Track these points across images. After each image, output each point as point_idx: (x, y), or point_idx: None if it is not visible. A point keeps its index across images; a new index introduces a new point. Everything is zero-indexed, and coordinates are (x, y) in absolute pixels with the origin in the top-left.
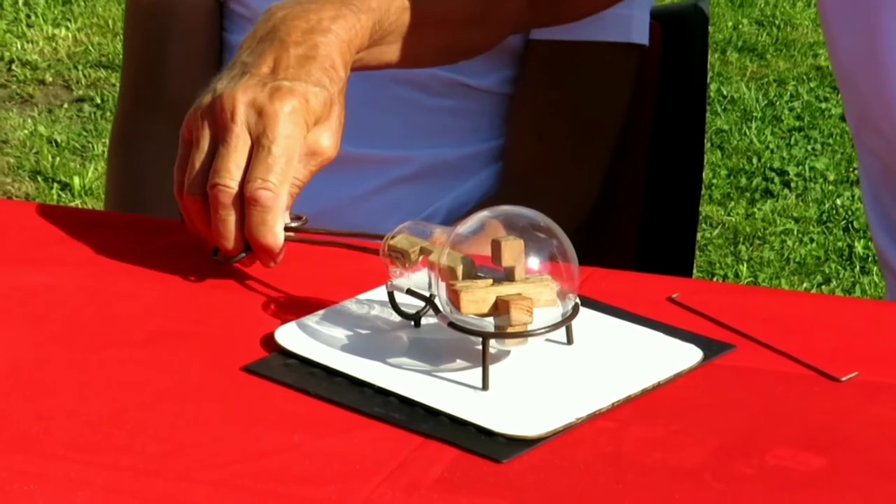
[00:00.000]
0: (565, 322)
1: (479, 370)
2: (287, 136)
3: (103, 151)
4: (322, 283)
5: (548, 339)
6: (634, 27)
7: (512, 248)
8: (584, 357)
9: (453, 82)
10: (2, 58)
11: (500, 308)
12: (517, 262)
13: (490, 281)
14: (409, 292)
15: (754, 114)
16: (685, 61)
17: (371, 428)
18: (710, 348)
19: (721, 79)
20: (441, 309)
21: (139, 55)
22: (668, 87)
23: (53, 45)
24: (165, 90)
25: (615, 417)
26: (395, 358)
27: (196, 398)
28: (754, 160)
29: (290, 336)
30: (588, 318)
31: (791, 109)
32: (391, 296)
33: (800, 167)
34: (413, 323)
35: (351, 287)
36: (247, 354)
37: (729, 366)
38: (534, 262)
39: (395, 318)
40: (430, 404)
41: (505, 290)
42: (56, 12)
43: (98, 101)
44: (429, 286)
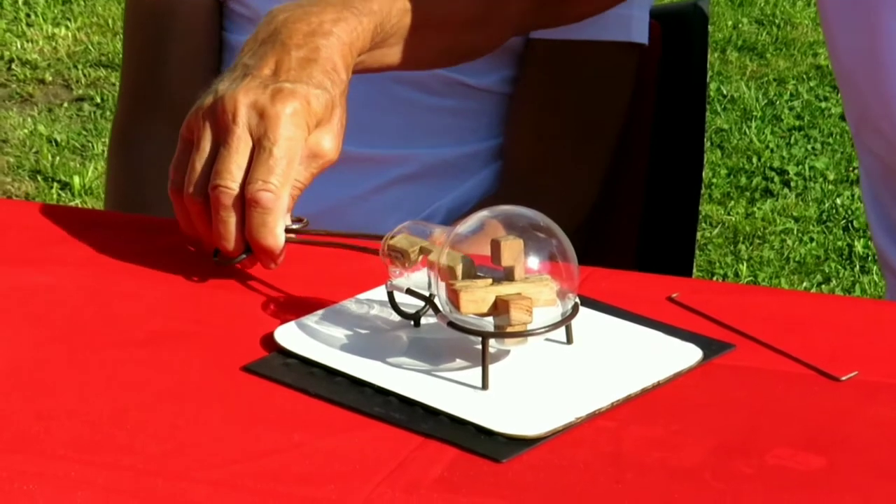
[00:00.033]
0: (565, 322)
1: (479, 370)
2: (288, 138)
3: (103, 151)
4: (322, 283)
5: (547, 339)
6: (634, 27)
7: (511, 248)
8: (584, 357)
9: (453, 82)
10: (2, 57)
11: (499, 308)
12: (517, 261)
13: (489, 280)
14: (409, 292)
15: (754, 113)
16: (685, 61)
17: (371, 427)
18: (710, 348)
19: (721, 78)
20: (441, 308)
21: (139, 54)
22: (667, 87)
23: (53, 44)
24: (165, 89)
25: (615, 417)
26: (395, 357)
27: (196, 398)
28: (754, 159)
29: (289, 336)
30: (588, 318)
31: (791, 109)
32: (391, 295)
33: (800, 166)
34: (413, 322)
35: (350, 287)
36: (247, 354)
37: (729, 365)
38: (533, 262)
39: (395, 317)
40: (430, 404)
41: (504, 289)
42: (56, 11)
43: (98, 100)
44: (428, 286)
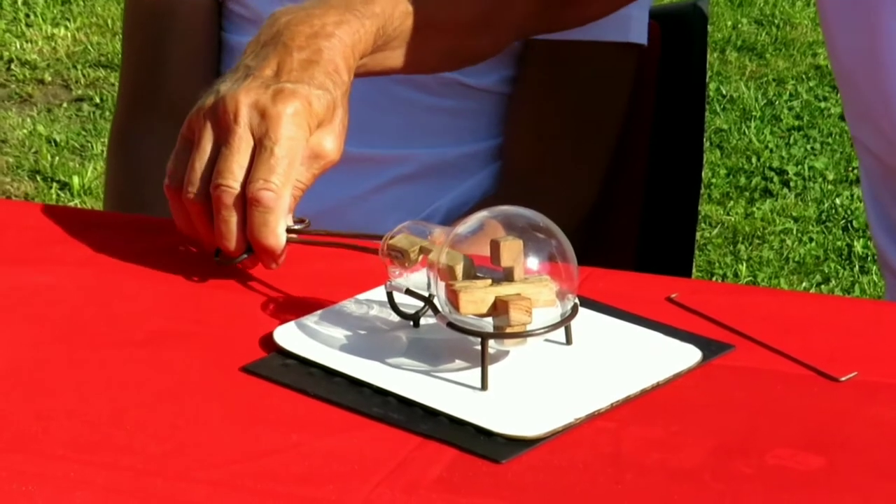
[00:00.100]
0: (564, 322)
1: (478, 370)
2: (289, 138)
3: (102, 151)
4: (321, 283)
5: (547, 340)
6: (633, 27)
7: (511, 249)
8: (583, 357)
9: (452, 82)
10: (1, 57)
11: (499, 308)
12: (516, 262)
13: (489, 281)
14: (408, 292)
15: (753, 113)
16: (684, 61)
17: (370, 428)
18: (709, 348)
19: (720, 78)
20: (440, 309)
21: (138, 55)
22: (667, 87)
23: (52, 44)
24: (164, 90)
25: (614, 418)
26: (394, 358)
27: (195, 398)
28: (753, 159)
29: (288, 336)
30: (587, 319)
31: (790, 109)
32: (390, 296)
33: (799, 166)
34: (412, 323)
35: (350, 287)
36: (246, 354)
37: (728, 366)
38: (533, 263)
39: (394, 318)
40: (429, 404)
41: (504, 290)
42: (55, 12)
43: (97, 100)
44: (428, 286)
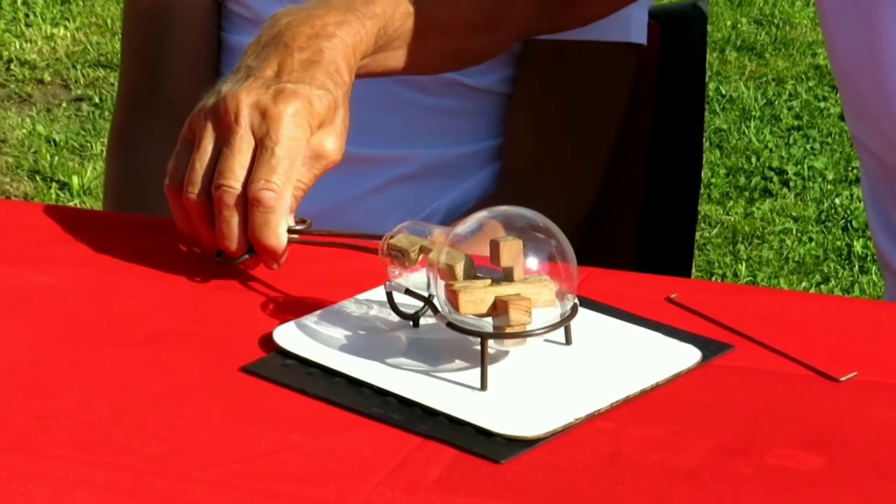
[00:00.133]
0: (564, 322)
1: (478, 370)
2: (290, 138)
3: (102, 151)
4: (320, 283)
5: (546, 340)
6: (633, 27)
7: (510, 249)
8: (583, 357)
9: (452, 82)
10: (0, 57)
11: (498, 308)
12: (516, 262)
13: (489, 281)
14: (408, 292)
15: (753, 113)
16: (684, 61)
17: (369, 428)
18: (709, 348)
19: (720, 78)
20: (440, 309)
21: (138, 54)
22: (666, 87)
23: (52, 44)
24: (164, 89)
25: (614, 418)
26: (394, 358)
27: (195, 398)
28: (753, 159)
29: (288, 336)
30: (587, 319)
31: (790, 108)
32: (390, 296)
33: (798, 166)
34: (412, 323)
35: (349, 287)
36: (245, 354)
37: (728, 366)
38: (532, 263)
39: (394, 318)
40: (429, 404)
41: (503, 290)
42: (55, 12)
43: (97, 100)
44: (427, 286)
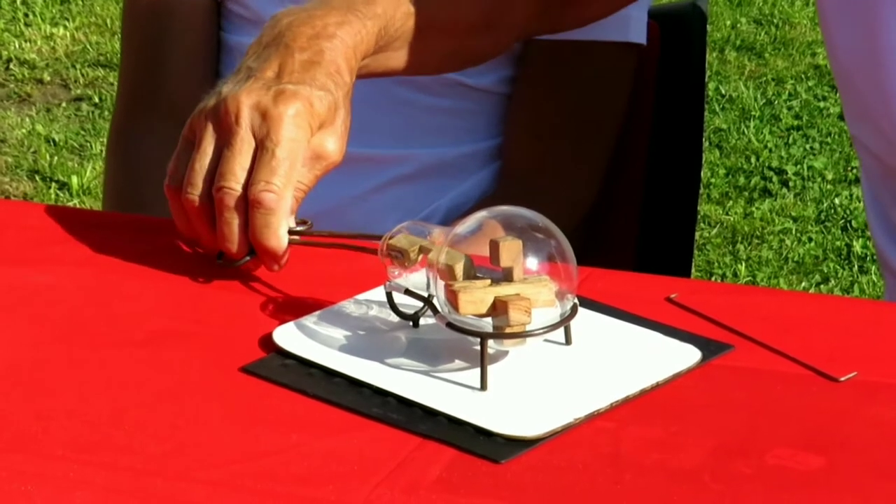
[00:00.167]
0: (563, 322)
1: (478, 370)
2: (291, 140)
3: (101, 151)
4: (320, 284)
5: (546, 340)
6: (632, 27)
7: (510, 249)
8: (583, 357)
9: (451, 82)
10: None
11: (498, 308)
12: (515, 262)
13: (488, 281)
14: (408, 292)
15: (752, 113)
16: (683, 60)
17: (369, 428)
18: (709, 348)
19: (719, 78)
20: (439, 309)
21: (137, 54)
22: (666, 87)
23: (51, 44)
24: (163, 89)
25: (614, 418)
26: (394, 358)
27: (195, 398)
28: (752, 159)
29: (288, 336)
30: (586, 319)
31: (789, 108)
32: (389, 296)
33: (798, 166)
34: (411, 323)
35: (349, 287)
36: (245, 355)
37: (727, 366)
38: (532, 263)
39: (394, 318)
40: (429, 405)
41: (503, 290)
42: (54, 11)
43: (96, 100)
44: (427, 286)
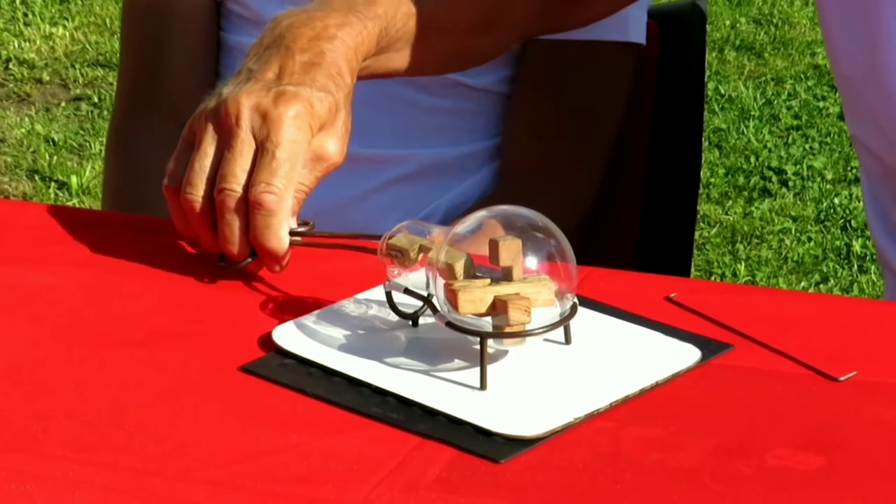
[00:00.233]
0: (563, 322)
1: (477, 370)
2: (291, 141)
3: (101, 150)
4: (319, 283)
5: (546, 339)
6: (632, 26)
7: (510, 248)
8: (582, 357)
9: (451, 82)
10: None
11: (497, 308)
12: (515, 261)
13: (488, 281)
14: (407, 292)
15: (752, 112)
16: (683, 60)
17: (369, 428)
18: (708, 348)
19: (719, 77)
20: (439, 308)
21: (136, 54)
22: (665, 86)
23: (51, 43)
24: (163, 89)
25: (613, 417)
26: (393, 358)
27: (195, 398)
28: (752, 159)
29: (287, 336)
30: (586, 318)
31: (789, 108)
32: (389, 295)
33: (797, 166)
34: (411, 322)
35: (348, 286)
36: (245, 354)
37: (727, 365)
38: (532, 262)
39: (393, 317)
40: (428, 404)
41: (503, 289)
42: (53, 11)
43: (95, 99)
44: (426, 286)
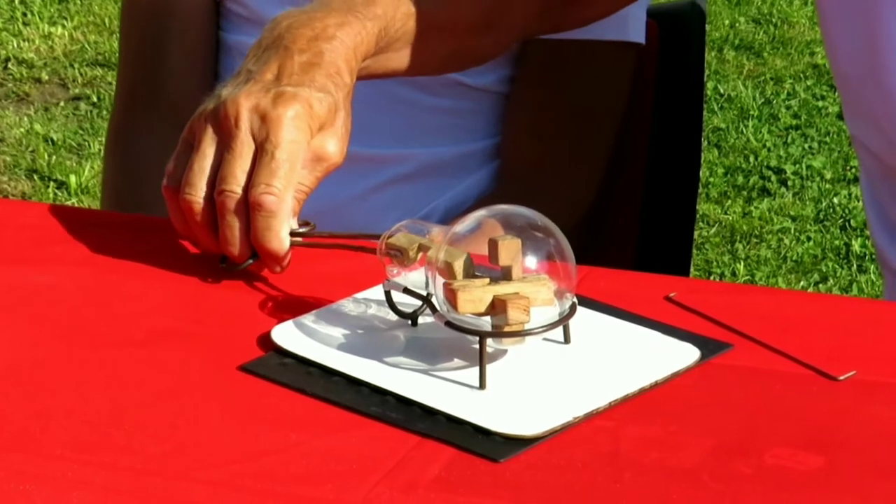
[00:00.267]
0: (562, 321)
1: (477, 369)
2: (290, 141)
3: (100, 150)
4: (319, 282)
5: (545, 339)
6: (631, 26)
7: (509, 248)
8: (582, 356)
9: (450, 81)
10: None
11: (497, 307)
12: (514, 261)
13: (487, 280)
14: (406, 291)
15: (751, 112)
16: (682, 60)
17: (368, 427)
18: (708, 347)
19: (718, 77)
20: (438, 308)
21: (136, 53)
22: (665, 86)
23: (50, 43)
24: (162, 88)
25: (612, 417)
26: (392, 357)
27: (194, 398)
28: (751, 158)
29: (286, 335)
30: (585, 318)
31: (788, 108)
32: (388, 295)
33: (797, 165)
34: (410, 322)
35: (348, 286)
36: (244, 353)
37: (726, 365)
38: (531, 262)
39: (392, 317)
40: (428, 403)
41: (502, 289)
42: (52, 10)
43: (94, 99)
44: (426, 285)
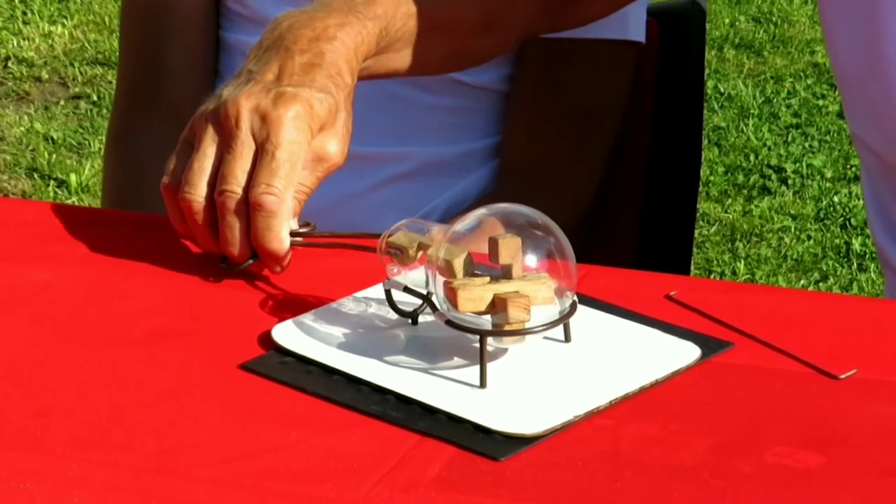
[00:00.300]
0: (563, 320)
1: (477, 368)
2: (291, 142)
3: (100, 149)
4: (319, 281)
5: (545, 337)
6: (631, 24)
7: (509, 246)
8: (582, 355)
9: (450, 80)
10: None
11: (497, 306)
12: (514, 259)
13: (487, 278)
14: (407, 290)
15: (751, 111)
16: (682, 58)
17: (368, 426)
18: (708, 346)
19: (718, 76)
20: (438, 307)
21: (136, 52)
22: (665, 85)
23: (50, 42)
24: (162, 87)
25: (613, 415)
26: (393, 356)
27: (194, 396)
28: (751, 157)
29: (286, 334)
30: (586, 316)
31: (788, 106)
32: (388, 293)
33: (797, 164)
34: (410, 321)
35: (348, 285)
36: (244, 352)
37: (727, 363)
38: (531, 260)
39: (393, 315)
40: (428, 402)
41: (502, 287)
42: (52, 9)
43: (94, 98)
44: (426, 284)
